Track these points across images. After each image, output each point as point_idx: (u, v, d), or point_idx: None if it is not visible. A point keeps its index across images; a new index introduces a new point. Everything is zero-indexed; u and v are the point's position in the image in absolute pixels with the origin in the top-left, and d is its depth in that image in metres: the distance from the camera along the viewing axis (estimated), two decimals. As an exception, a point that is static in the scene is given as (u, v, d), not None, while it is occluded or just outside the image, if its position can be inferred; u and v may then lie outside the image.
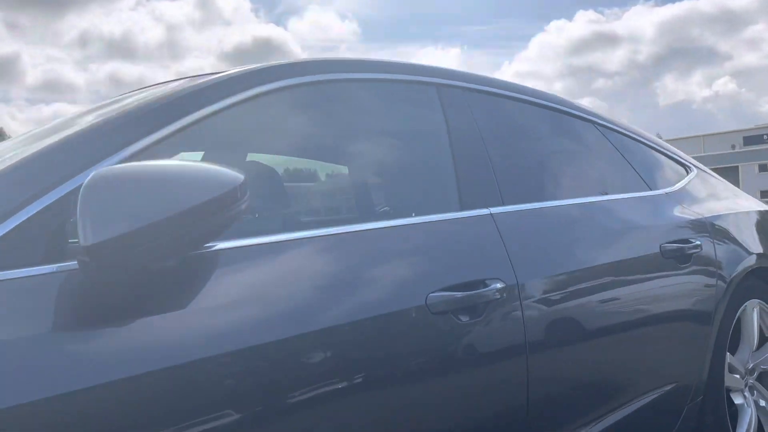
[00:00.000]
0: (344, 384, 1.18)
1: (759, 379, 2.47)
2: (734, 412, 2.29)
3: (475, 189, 1.65)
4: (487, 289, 1.44)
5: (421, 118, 1.79)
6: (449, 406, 1.36)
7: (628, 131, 2.42)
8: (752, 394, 2.41)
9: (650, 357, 1.91)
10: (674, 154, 2.62)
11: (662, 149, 2.57)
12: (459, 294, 1.38)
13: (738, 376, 2.32)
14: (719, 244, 2.24)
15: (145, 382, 0.95)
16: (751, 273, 2.40)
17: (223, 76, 1.43)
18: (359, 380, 1.21)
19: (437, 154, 1.72)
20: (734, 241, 2.35)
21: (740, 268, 2.29)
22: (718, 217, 2.34)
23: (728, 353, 2.25)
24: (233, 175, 1.07)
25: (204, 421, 0.99)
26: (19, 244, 0.93)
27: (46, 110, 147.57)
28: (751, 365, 2.41)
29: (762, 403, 2.42)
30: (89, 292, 0.97)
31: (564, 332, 1.63)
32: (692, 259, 2.09)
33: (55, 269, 0.93)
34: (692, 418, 2.11)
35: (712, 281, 2.15)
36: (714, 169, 2.93)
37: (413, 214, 1.54)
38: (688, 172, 2.60)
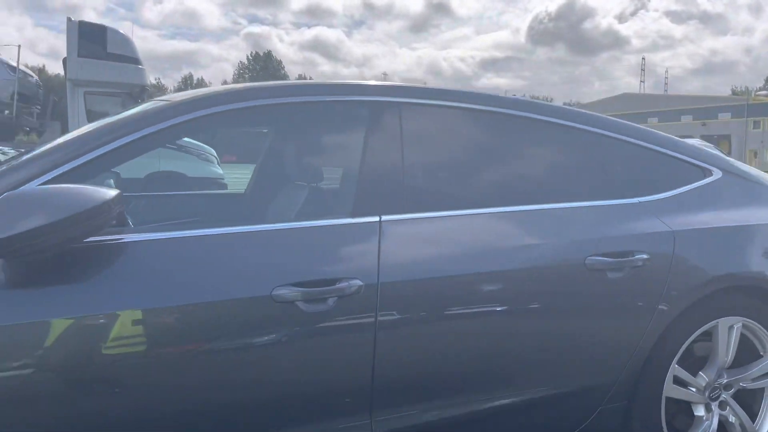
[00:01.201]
0: (192, 355, 1.68)
1: (737, 395, 2.43)
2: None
3: (371, 198, 1.97)
4: (339, 284, 1.80)
5: (346, 137, 2.13)
6: (286, 377, 1.78)
7: (621, 135, 2.42)
8: (723, 410, 2.39)
9: (536, 358, 2.07)
10: (691, 157, 2.53)
11: (673, 153, 2.49)
12: (304, 289, 1.76)
13: (695, 390, 2.32)
14: (682, 259, 2.22)
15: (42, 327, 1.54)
16: (733, 290, 2.33)
17: (187, 97, 1.95)
18: (206, 354, 1.69)
19: (346, 169, 2.06)
20: (708, 256, 2.28)
21: (707, 284, 2.25)
22: (694, 230, 2.29)
23: (678, 366, 2.27)
24: (103, 192, 1.58)
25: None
26: None
27: (308, 33, 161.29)
28: (725, 381, 2.37)
29: (731, 419, 2.39)
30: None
31: (422, 329, 1.90)
32: (629, 272, 2.15)
33: None
34: (611, 420, 2.22)
35: (655, 296, 2.17)
36: None
37: (297, 220, 1.93)
38: (705, 177, 2.50)
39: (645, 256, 2.18)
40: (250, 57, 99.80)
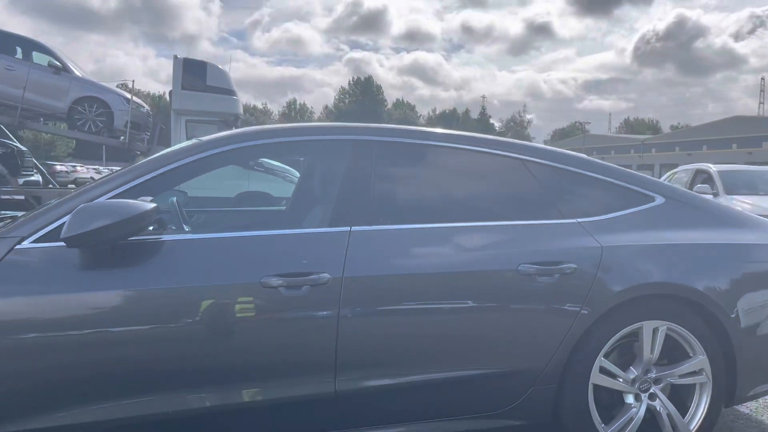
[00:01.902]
0: (197, 324, 2.36)
1: (673, 390, 2.83)
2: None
3: (344, 212, 2.59)
4: (312, 276, 2.43)
5: (333, 165, 2.78)
6: (269, 344, 2.41)
7: (570, 166, 2.92)
8: (653, 400, 2.80)
9: (472, 342, 2.58)
10: (635, 185, 2.97)
11: (617, 181, 2.95)
12: (285, 278, 2.41)
13: (622, 380, 2.75)
14: (607, 270, 2.68)
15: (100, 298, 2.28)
16: (657, 297, 2.75)
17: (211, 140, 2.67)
18: (209, 324, 2.36)
19: (329, 191, 2.71)
20: (632, 269, 2.71)
21: (629, 291, 2.68)
22: (622, 246, 2.73)
23: (604, 359, 2.72)
24: (144, 205, 2.30)
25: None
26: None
27: (407, 57, 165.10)
28: (654, 376, 2.79)
29: (658, 407, 2.79)
30: (73, 256, 2.32)
31: (377, 313, 2.48)
32: (558, 278, 2.63)
33: (61, 244, 2.30)
34: (543, 400, 2.69)
35: (580, 298, 2.64)
36: None
37: (287, 227, 2.59)
38: (646, 202, 2.95)
39: (573, 266, 2.66)
40: (351, 82, 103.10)
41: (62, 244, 2.26)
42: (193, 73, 11.35)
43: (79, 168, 35.53)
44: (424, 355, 2.57)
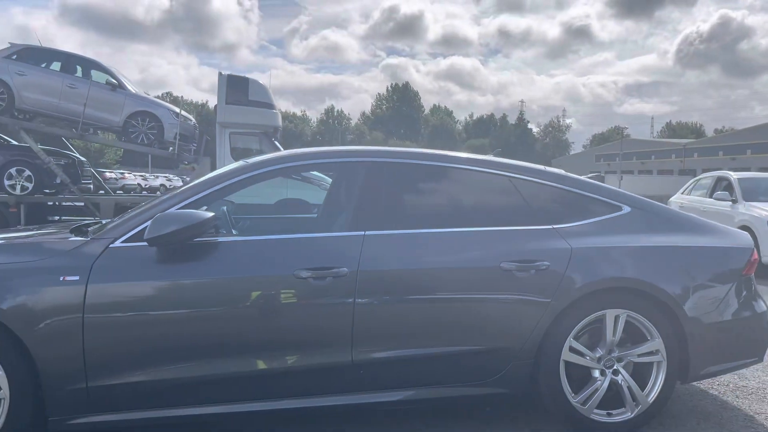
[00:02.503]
0: (246, 305, 3.05)
1: (631, 368, 3.40)
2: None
3: (360, 219, 3.26)
4: (333, 269, 3.10)
5: (352, 181, 3.45)
6: (299, 323, 3.09)
7: (547, 180, 3.54)
8: (616, 375, 3.38)
9: (462, 324, 3.21)
10: (604, 197, 3.57)
11: (589, 194, 3.56)
12: (313, 271, 3.08)
13: (589, 358, 3.34)
14: (575, 267, 3.28)
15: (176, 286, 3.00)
16: (618, 290, 3.33)
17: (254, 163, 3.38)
18: (254, 306, 3.05)
19: (349, 203, 3.38)
20: (596, 266, 3.31)
21: (593, 284, 3.28)
22: (589, 248, 3.33)
23: (573, 340, 3.31)
24: (205, 214, 3.01)
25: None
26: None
27: (444, 63, 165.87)
28: (617, 355, 3.37)
29: (620, 381, 3.37)
30: (152, 253, 3.04)
31: (385, 299, 3.14)
32: (534, 273, 3.25)
33: (143, 243, 3.02)
34: (523, 374, 3.30)
35: (551, 290, 3.24)
36: None
37: (316, 231, 3.28)
38: (614, 211, 3.54)
39: (547, 263, 3.27)
40: (389, 89, 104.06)
41: (144, 243, 2.98)
42: (236, 89, 12.21)
43: (126, 175, 37.20)
44: (424, 334, 3.21)
